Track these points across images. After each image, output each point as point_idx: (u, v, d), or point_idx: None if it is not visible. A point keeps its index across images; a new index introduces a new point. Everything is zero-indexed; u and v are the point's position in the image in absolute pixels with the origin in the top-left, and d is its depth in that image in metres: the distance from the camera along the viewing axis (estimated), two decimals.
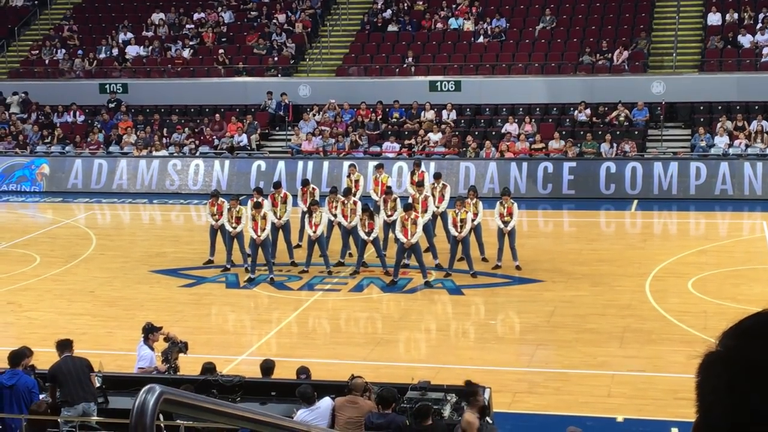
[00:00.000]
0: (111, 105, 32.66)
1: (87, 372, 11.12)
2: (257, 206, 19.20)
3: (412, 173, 21.62)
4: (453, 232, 19.18)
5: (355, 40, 33.81)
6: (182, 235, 22.52)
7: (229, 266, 19.91)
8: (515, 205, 19.67)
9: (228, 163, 28.90)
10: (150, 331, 12.43)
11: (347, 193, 20.18)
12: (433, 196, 20.47)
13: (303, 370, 11.89)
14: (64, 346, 11.33)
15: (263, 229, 19.05)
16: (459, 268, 19.34)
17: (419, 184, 20.29)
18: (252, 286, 19.07)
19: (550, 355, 14.98)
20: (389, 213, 20.00)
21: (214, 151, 30.06)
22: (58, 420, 10.58)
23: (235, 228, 19.67)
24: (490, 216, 19.86)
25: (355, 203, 19.82)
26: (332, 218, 20.10)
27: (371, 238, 19.24)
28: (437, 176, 21.25)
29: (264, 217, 19.10)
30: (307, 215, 19.80)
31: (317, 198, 20.52)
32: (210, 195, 20.93)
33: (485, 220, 19.83)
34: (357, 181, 21.48)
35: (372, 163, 24.98)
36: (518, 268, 19.48)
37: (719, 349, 1.37)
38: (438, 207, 20.40)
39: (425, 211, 19.65)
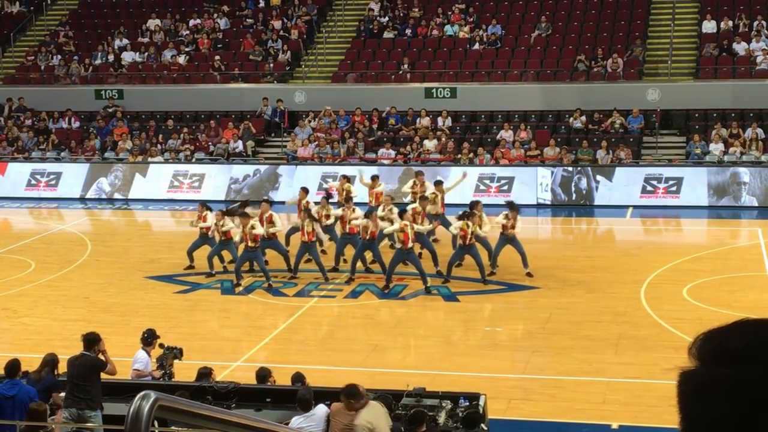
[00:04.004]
0: (109, 110, 32.62)
1: (89, 376, 10.76)
2: (244, 216, 19.29)
3: (414, 184, 21.44)
4: (459, 240, 19.05)
5: (351, 46, 33.83)
6: (177, 242, 22.43)
7: (213, 272, 19.95)
8: (519, 223, 19.46)
9: (224, 169, 28.89)
10: (151, 337, 12.39)
11: (347, 201, 20.13)
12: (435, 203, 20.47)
13: (298, 377, 11.86)
14: (86, 341, 10.98)
15: (254, 240, 19.07)
16: (456, 275, 19.34)
17: (422, 198, 20.26)
18: (247, 292, 19.06)
19: (545, 362, 14.98)
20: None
21: (210, 157, 30.05)
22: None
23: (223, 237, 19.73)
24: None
25: (354, 210, 19.78)
26: (323, 228, 19.94)
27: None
28: (438, 183, 21.23)
29: (252, 228, 19.11)
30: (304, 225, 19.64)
31: (312, 209, 20.31)
32: (199, 205, 20.81)
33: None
34: (347, 191, 21.37)
35: (367, 171, 24.80)
36: (529, 275, 19.40)
37: (706, 371, 1.34)
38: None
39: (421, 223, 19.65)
